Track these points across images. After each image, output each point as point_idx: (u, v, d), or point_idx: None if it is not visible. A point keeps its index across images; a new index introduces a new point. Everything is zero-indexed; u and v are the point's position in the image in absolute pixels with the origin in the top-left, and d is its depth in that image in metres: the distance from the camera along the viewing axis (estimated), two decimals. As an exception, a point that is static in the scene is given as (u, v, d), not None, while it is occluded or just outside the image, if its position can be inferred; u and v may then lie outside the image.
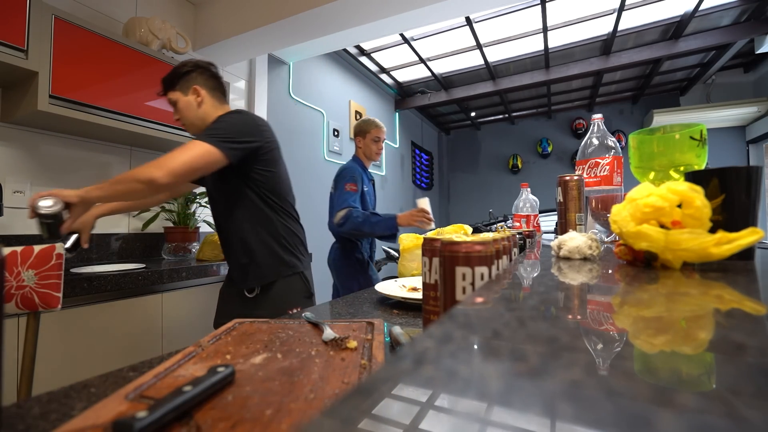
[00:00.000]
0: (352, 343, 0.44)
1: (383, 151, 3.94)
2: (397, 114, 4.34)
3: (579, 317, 0.25)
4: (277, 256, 1.13)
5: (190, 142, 0.98)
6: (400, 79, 3.82)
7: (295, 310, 1.14)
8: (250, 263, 1.12)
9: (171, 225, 1.69)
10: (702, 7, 2.57)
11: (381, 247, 3.19)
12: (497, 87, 3.69)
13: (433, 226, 1.65)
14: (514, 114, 4.93)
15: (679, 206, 0.42)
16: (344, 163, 1.94)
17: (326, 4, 1.78)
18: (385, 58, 3.35)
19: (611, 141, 0.90)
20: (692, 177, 0.50)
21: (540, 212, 1.55)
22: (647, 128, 0.68)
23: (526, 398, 0.13)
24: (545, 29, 2.79)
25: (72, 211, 0.91)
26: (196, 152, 0.96)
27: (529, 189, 1.49)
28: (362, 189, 1.87)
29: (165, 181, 0.92)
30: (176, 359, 0.40)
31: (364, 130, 1.98)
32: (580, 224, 0.81)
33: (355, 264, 1.85)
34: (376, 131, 1.98)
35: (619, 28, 2.81)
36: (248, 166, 1.09)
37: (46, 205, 0.85)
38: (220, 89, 1.19)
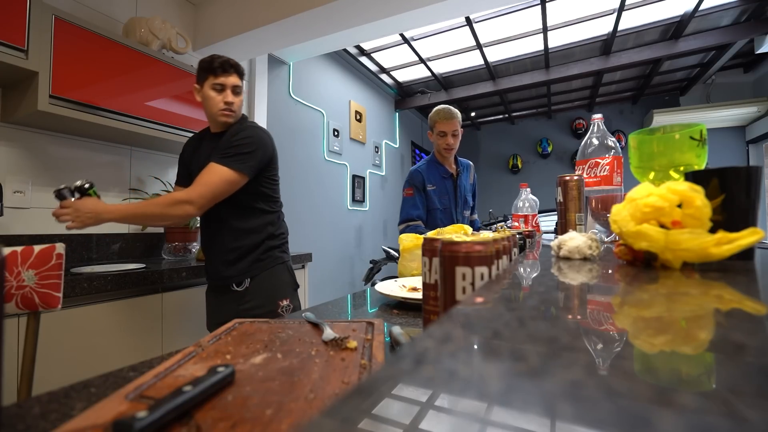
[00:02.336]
0: (352, 343, 0.44)
1: (383, 151, 3.96)
2: (397, 114, 4.34)
3: (579, 317, 0.25)
4: (267, 252, 1.18)
5: (216, 169, 1.06)
6: (400, 79, 3.82)
7: (285, 302, 1.17)
8: (239, 259, 1.16)
9: (171, 225, 1.68)
10: (702, 7, 2.57)
11: (381, 246, 3.19)
12: (497, 87, 3.69)
13: None
14: (514, 114, 4.93)
15: (679, 206, 0.42)
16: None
17: (326, 4, 1.78)
18: (385, 58, 3.35)
19: (611, 141, 0.90)
20: (692, 177, 0.50)
21: (540, 212, 1.55)
22: (647, 128, 0.68)
23: (526, 398, 0.13)
24: (545, 29, 2.79)
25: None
26: (222, 181, 1.07)
27: (528, 189, 1.49)
28: (424, 189, 1.71)
29: (199, 213, 1.09)
30: (176, 359, 0.40)
31: (430, 124, 1.74)
32: (580, 224, 0.81)
33: None
34: (440, 124, 1.67)
35: (619, 28, 2.81)
36: (258, 180, 1.15)
37: (79, 183, 1.02)
38: None
